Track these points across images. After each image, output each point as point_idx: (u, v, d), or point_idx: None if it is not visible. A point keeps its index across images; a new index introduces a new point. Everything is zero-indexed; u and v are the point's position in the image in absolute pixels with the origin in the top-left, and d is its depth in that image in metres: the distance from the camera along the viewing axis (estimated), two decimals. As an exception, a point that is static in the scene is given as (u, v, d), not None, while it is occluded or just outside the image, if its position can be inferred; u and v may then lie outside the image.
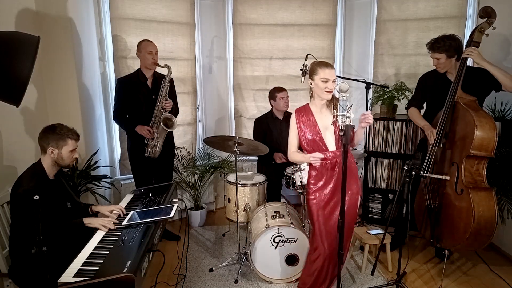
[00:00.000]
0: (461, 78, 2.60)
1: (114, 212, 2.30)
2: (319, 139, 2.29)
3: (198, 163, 4.00)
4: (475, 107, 2.55)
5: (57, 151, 2.08)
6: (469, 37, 2.64)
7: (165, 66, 3.07)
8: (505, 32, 3.14)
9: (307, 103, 2.38)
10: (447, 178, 2.58)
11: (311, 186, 2.34)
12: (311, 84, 2.27)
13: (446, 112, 2.61)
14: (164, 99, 3.07)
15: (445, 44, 2.69)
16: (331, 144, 2.30)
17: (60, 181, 2.21)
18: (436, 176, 2.62)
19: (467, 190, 2.44)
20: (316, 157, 2.21)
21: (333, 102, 2.27)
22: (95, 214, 2.34)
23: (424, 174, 2.65)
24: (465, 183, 2.47)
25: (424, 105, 3.05)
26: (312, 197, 2.32)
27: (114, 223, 2.13)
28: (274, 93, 3.53)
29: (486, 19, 2.57)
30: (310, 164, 2.36)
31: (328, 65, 2.21)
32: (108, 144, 3.68)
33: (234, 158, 2.97)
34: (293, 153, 2.40)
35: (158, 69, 3.15)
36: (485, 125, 2.44)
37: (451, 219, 2.56)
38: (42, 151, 2.10)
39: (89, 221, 2.10)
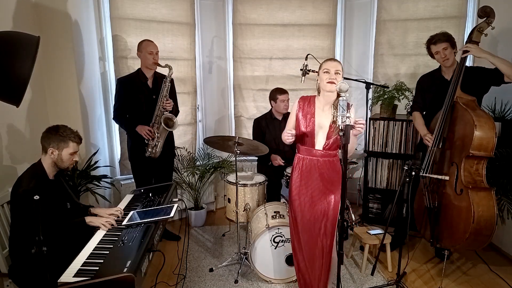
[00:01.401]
0: (460, 78, 2.60)
1: (113, 213, 2.30)
2: (310, 134, 2.29)
3: (198, 163, 4.00)
4: (474, 107, 2.55)
5: (57, 152, 2.08)
6: (468, 37, 2.64)
7: (166, 66, 3.07)
8: (504, 31, 3.14)
9: (314, 95, 2.37)
10: (447, 178, 2.58)
11: (293, 182, 2.37)
12: (317, 80, 2.30)
13: (445, 112, 2.61)
14: (165, 99, 3.08)
15: (444, 35, 2.77)
16: (319, 143, 2.30)
17: (60, 181, 2.21)
18: (435, 176, 2.62)
19: (467, 190, 2.43)
20: (288, 133, 2.23)
21: (334, 103, 2.27)
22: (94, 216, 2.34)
23: (424, 174, 2.65)
24: (465, 183, 2.47)
25: None
26: (293, 189, 2.36)
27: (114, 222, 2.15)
28: (275, 95, 3.52)
29: (485, 18, 2.58)
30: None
31: (331, 59, 2.28)
32: (108, 144, 3.68)
33: (234, 158, 2.97)
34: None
35: (158, 69, 3.16)
36: (484, 125, 2.43)
37: (451, 219, 2.56)
38: (43, 151, 2.10)
39: (90, 220, 2.13)
